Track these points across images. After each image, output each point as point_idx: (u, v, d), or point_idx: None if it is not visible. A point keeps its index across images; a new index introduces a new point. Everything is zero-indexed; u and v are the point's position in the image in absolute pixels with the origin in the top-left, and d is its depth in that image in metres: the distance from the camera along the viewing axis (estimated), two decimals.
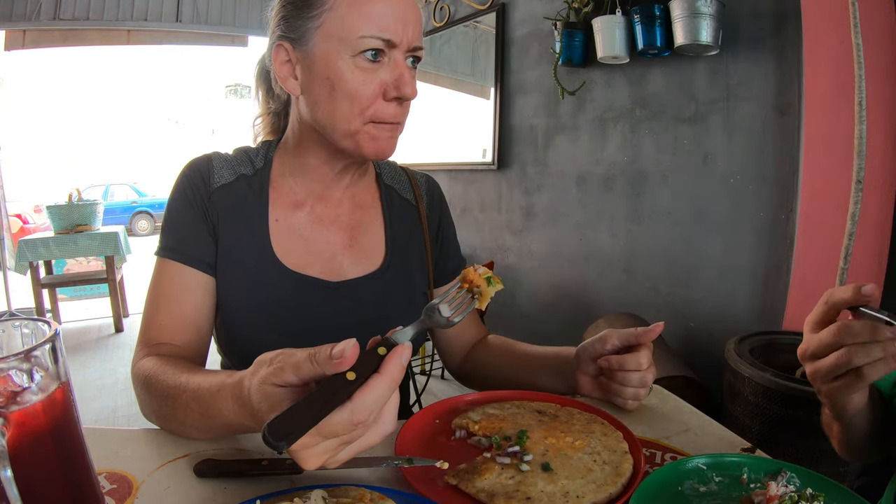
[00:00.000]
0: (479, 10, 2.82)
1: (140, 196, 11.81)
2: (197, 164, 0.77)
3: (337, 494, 0.47)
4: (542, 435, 0.58)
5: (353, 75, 0.65)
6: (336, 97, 0.66)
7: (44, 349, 0.34)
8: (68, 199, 3.85)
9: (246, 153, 0.81)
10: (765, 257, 1.73)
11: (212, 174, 0.76)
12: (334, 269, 0.77)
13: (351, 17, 0.63)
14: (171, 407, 0.58)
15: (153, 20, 4.26)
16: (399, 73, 0.66)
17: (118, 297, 3.97)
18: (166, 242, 0.73)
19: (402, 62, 0.67)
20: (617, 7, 1.96)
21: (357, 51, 0.64)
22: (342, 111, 0.67)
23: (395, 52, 0.66)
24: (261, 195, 0.77)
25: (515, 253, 2.81)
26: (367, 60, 0.65)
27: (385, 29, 0.64)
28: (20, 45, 4.03)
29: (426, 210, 0.88)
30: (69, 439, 0.37)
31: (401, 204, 0.87)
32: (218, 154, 0.79)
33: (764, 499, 0.48)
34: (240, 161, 0.79)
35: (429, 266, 0.86)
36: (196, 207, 0.74)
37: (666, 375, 1.59)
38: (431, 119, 3.40)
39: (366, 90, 0.65)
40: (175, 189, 0.76)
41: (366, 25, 0.63)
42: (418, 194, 0.89)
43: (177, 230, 0.74)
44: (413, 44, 0.67)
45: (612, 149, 2.22)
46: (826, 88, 1.51)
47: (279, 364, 0.44)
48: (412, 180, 0.90)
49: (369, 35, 0.63)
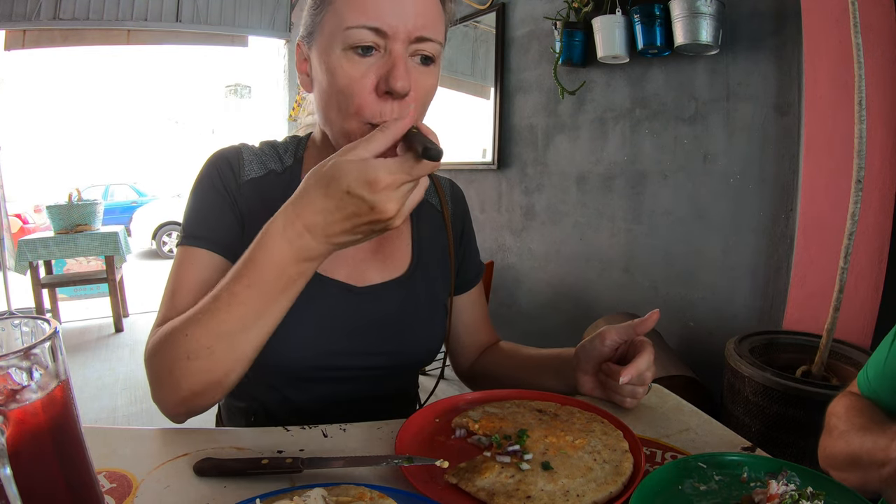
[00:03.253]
0: (479, 10, 2.82)
1: (140, 196, 11.80)
2: (226, 154, 0.74)
3: (337, 493, 0.47)
4: (543, 434, 0.58)
5: (343, 70, 0.61)
6: (331, 93, 0.63)
7: (43, 347, 0.34)
8: (68, 199, 3.85)
9: (274, 147, 0.77)
10: (765, 257, 1.73)
11: (242, 166, 0.73)
12: (360, 274, 0.76)
13: (345, 10, 0.60)
14: (206, 318, 0.55)
15: (153, 20, 4.26)
16: (392, 65, 0.60)
17: (118, 297, 3.97)
18: (189, 230, 0.70)
19: (399, 54, 0.60)
20: (617, 7, 1.96)
21: (347, 43, 0.60)
22: (337, 108, 0.63)
23: (391, 44, 0.60)
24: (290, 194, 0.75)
25: (515, 253, 2.81)
26: (357, 54, 0.60)
27: (375, 18, 0.59)
28: (20, 45, 4.03)
29: (451, 216, 0.86)
30: (68, 437, 0.36)
31: (427, 208, 0.85)
32: (247, 146, 0.76)
33: (764, 497, 0.47)
34: (269, 156, 0.76)
35: (451, 273, 0.84)
36: (224, 195, 0.71)
37: (666, 375, 1.59)
38: (431, 119, 3.40)
39: (356, 85, 0.60)
40: (200, 178, 0.72)
41: (355, 16, 0.59)
42: (443, 199, 0.86)
43: (200, 217, 0.70)
44: (414, 34, 0.60)
45: (612, 148, 2.22)
46: (826, 88, 1.51)
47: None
48: (437, 184, 0.88)
49: (357, 25, 0.59)
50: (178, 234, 0.71)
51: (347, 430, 0.67)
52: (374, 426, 0.69)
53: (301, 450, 0.62)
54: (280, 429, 0.67)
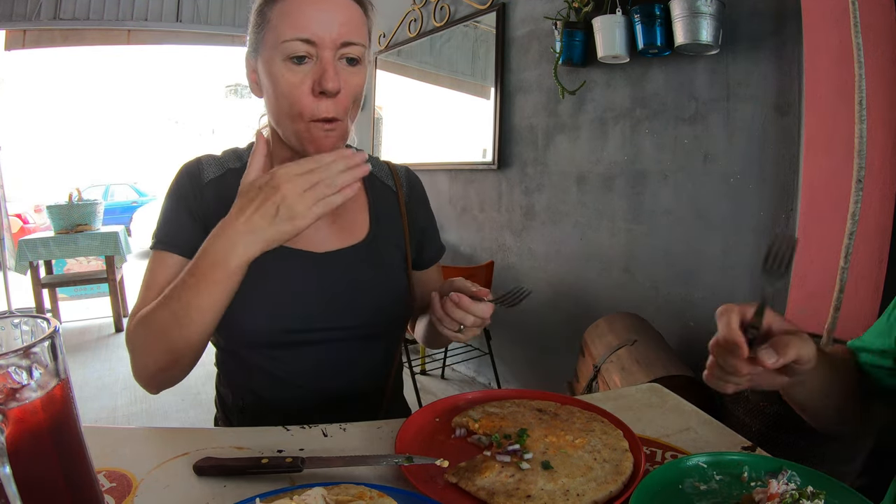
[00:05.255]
0: (479, 10, 2.82)
1: (140, 196, 11.80)
2: (187, 165, 0.85)
3: (336, 492, 0.47)
4: (543, 433, 0.58)
5: (284, 78, 0.72)
6: (277, 98, 0.73)
7: (43, 346, 0.34)
8: (68, 199, 3.85)
9: (235, 151, 0.89)
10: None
11: (201, 171, 0.84)
12: (319, 241, 0.84)
13: (280, 26, 0.71)
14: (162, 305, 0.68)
15: (153, 20, 4.26)
16: (323, 70, 0.71)
17: (118, 297, 3.97)
18: (157, 237, 0.81)
19: (328, 59, 0.71)
20: (617, 6, 1.96)
21: (285, 55, 0.71)
22: (283, 111, 0.74)
23: (321, 51, 0.71)
24: None
25: (515, 253, 2.81)
26: (293, 63, 0.71)
27: (304, 30, 0.70)
28: (20, 44, 4.03)
29: (405, 197, 0.95)
30: (68, 436, 0.36)
31: (382, 188, 0.94)
32: (207, 155, 0.87)
33: (765, 496, 0.47)
34: (228, 158, 0.87)
35: (406, 249, 0.92)
36: (183, 202, 0.81)
37: (666, 375, 1.58)
38: (431, 119, 3.40)
39: (296, 90, 0.71)
40: (167, 190, 0.84)
41: (290, 31, 0.70)
42: (398, 183, 0.96)
43: (165, 224, 0.82)
44: (340, 40, 0.71)
45: (612, 148, 2.22)
46: (826, 88, 1.51)
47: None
48: (393, 170, 0.97)
49: (290, 38, 0.70)
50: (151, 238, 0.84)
51: (347, 430, 0.67)
52: (373, 425, 0.69)
53: (301, 449, 0.62)
54: (280, 428, 0.67)
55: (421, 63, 3.43)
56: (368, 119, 3.85)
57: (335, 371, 0.83)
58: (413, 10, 3.29)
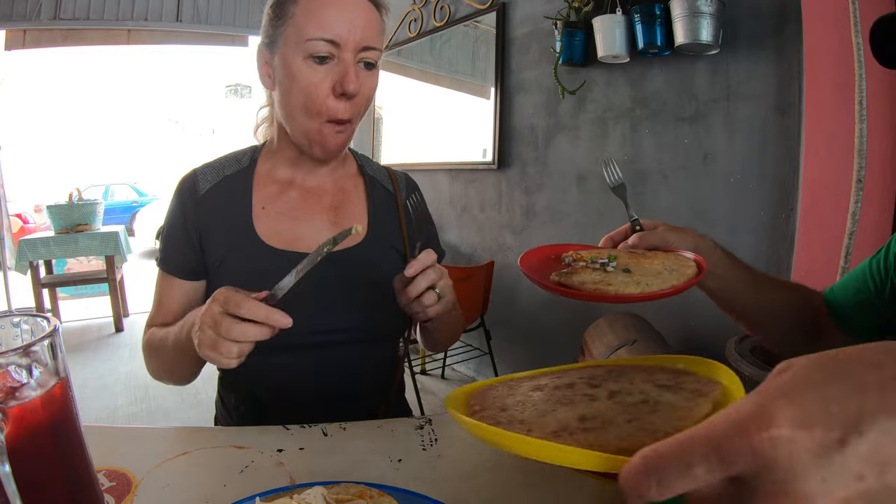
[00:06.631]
0: (479, 10, 2.82)
1: (140, 196, 11.80)
2: (183, 180, 0.86)
3: (336, 491, 0.47)
4: (627, 258, 0.70)
5: (304, 75, 0.73)
6: (294, 94, 0.74)
7: (43, 345, 0.34)
8: (68, 199, 3.85)
9: (234, 155, 0.89)
10: (765, 257, 1.73)
11: (196, 185, 0.84)
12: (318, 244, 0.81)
13: (304, 24, 0.72)
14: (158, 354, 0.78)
15: (153, 20, 4.26)
16: (344, 71, 0.72)
17: (118, 297, 3.97)
18: (160, 255, 0.85)
19: (349, 61, 0.73)
20: (617, 6, 1.96)
21: (307, 53, 0.72)
22: (298, 107, 0.75)
23: (342, 53, 0.72)
24: (244, 189, 0.85)
25: (516, 252, 2.81)
26: (315, 62, 0.72)
27: (329, 31, 0.71)
28: (20, 45, 4.03)
29: (403, 201, 0.96)
30: (68, 435, 0.36)
31: (382, 192, 0.94)
32: (204, 164, 0.88)
33: None
34: (224, 164, 0.87)
35: (406, 252, 0.92)
36: (180, 224, 0.83)
37: None
38: (431, 119, 3.40)
39: (317, 89, 0.73)
40: (167, 208, 0.87)
41: (313, 29, 0.71)
42: (396, 186, 0.96)
43: (165, 247, 0.85)
44: (361, 44, 0.73)
45: (612, 148, 2.22)
46: (826, 88, 1.51)
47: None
48: (391, 175, 0.98)
49: (315, 38, 0.71)
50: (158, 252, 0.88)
51: (347, 430, 0.67)
52: (373, 425, 0.69)
53: (301, 448, 0.62)
54: (280, 428, 0.67)
55: (421, 63, 3.43)
56: (368, 119, 3.85)
57: (335, 373, 0.83)
58: (413, 9, 3.29)
